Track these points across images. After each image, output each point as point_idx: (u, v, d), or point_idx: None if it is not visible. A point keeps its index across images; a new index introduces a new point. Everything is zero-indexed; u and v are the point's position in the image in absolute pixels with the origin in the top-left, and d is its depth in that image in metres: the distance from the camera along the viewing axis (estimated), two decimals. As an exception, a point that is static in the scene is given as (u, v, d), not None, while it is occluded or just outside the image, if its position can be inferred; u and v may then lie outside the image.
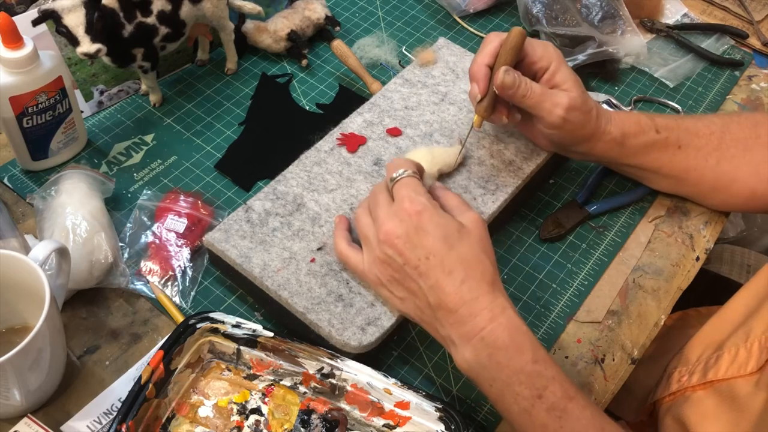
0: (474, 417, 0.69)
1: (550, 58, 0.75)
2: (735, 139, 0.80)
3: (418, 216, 0.63)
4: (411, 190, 0.65)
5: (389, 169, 0.68)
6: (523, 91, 0.72)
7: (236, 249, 0.71)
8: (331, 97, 0.95)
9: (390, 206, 0.65)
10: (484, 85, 0.73)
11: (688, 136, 0.80)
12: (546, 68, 0.75)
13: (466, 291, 0.61)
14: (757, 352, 0.67)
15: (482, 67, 0.73)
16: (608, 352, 0.75)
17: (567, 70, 0.75)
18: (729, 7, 1.14)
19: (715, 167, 0.80)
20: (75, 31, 0.76)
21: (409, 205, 0.64)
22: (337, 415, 0.66)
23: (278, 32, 0.97)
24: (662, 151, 0.79)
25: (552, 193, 0.87)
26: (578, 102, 0.74)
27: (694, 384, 0.72)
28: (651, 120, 0.79)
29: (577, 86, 0.75)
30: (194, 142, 0.89)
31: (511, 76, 0.72)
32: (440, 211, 0.64)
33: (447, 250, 0.62)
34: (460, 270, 0.61)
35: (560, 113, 0.73)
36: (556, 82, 0.74)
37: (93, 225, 0.73)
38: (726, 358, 0.70)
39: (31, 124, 0.78)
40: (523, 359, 0.59)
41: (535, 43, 0.75)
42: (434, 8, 1.09)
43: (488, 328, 0.59)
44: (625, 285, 0.80)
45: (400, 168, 0.67)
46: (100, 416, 0.65)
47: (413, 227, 0.63)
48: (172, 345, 0.65)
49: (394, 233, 0.63)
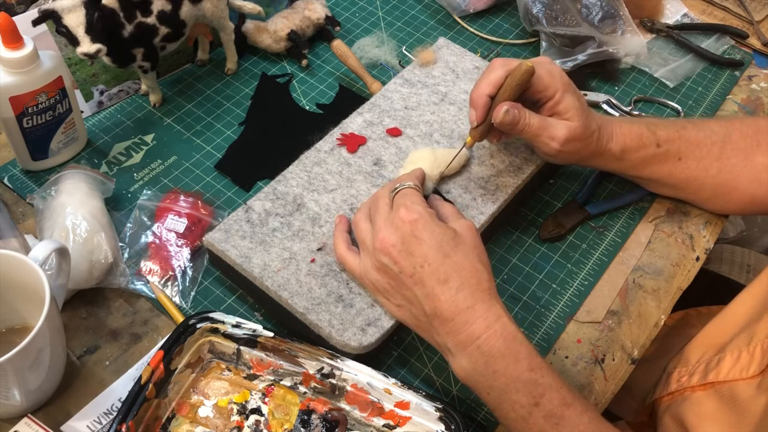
0: (474, 417, 0.69)
1: (555, 87, 0.73)
2: (736, 148, 0.80)
3: (413, 224, 0.63)
4: (408, 200, 0.65)
5: (393, 182, 0.69)
6: (521, 126, 0.72)
7: (236, 249, 0.71)
8: (331, 97, 0.95)
9: (388, 214, 0.66)
10: (482, 114, 0.73)
11: (689, 147, 0.79)
12: (551, 97, 0.74)
13: (461, 299, 0.61)
14: (760, 356, 0.67)
15: (483, 96, 0.72)
16: (608, 352, 0.75)
17: (572, 98, 0.74)
18: (729, 7, 1.14)
19: (715, 176, 0.80)
20: (75, 31, 0.76)
21: (405, 213, 0.64)
22: (337, 415, 0.66)
23: (278, 32, 0.97)
24: (662, 163, 0.79)
25: (552, 193, 0.87)
26: (577, 132, 0.73)
27: (694, 384, 0.72)
28: (653, 134, 0.78)
29: (580, 115, 0.73)
30: (194, 142, 0.89)
31: (510, 115, 0.71)
32: (436, 220, 0.65)
33: (442, 258, 0.62)
34: (455, 278, 0.61)
35: (556, 146, 0.73)
36: (558, 110, 0.74)
37: (93, 225, 0.73)
38: (728, 361, 0.70)
39: (31, 124, 0.78)
40: (519, 367, 0.59)
41: (543, 73, 0.73)
42: (434, 8, 1.09)
43: (484, 337, 0.60)
44: (625, 285, 0.80)
45: (404, 181, 0.68)
46: (100, 416, 0.65)
47: (408, 235, 0.63)
48: (172, 345, 0.65)
49: (389, 241, 0.64)
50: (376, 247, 0.65)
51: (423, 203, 0.66)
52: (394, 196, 0.67)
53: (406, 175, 0.70)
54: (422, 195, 0.68)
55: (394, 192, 0.67)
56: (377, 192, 0.70)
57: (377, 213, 0.67)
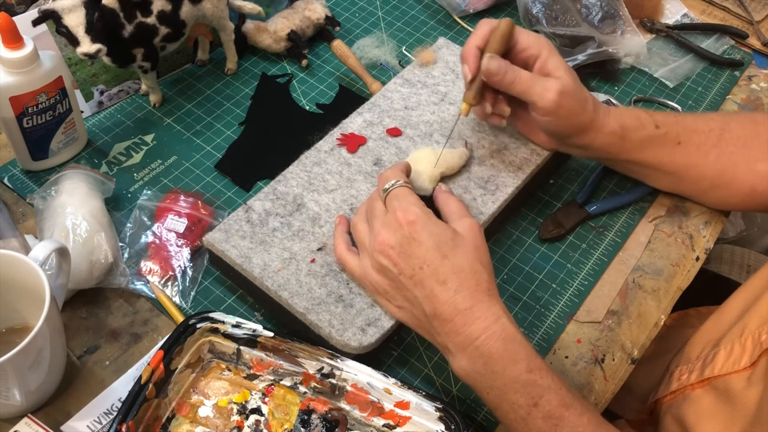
0: (474, 417, 0.69)
1: (540, 46, 0.74)
2: (734, 136, 0.80)
3: (411, 226, 0.63)
4: (403, 200, 0.65)
5: (380, 182, 0.69)
6: (511, 77, 0.72)
7: (236, 249, 0.71)
8: (331, 97, 0.95)
9: (384, 216, 0.66)
10: (474, 65, 0.74)
11: (687, 132, 0.80)
12: (537, 56, 0.75)
13: (460, 300, 0.61)
14: (751, 347, 0.67)
15: (473, 48, 0.74)
16: (608, 352, 0.75)
17: (558, 59, 0.75)
18: (729, 7, 1.14)
19: (714, 163, 0.80)
20: (75, 31, 0.76)
21: (401, 215, 0.64)
22: (337, 415, 0.66)
23: (278, 32, 0.97)
24: (662, 146, 0.79)
25: (552, 193, 0.87)
26: (570, 88, 0.74)
27: (693, 382, 0.72)
28: (650, 115, 0.79)
29: (569, 74, 0.74)
30: (194, 142, 0.89)
31: (495, 62, 0.72)
32: (434, 220, 0.65)
33: (441, 259, 0.62)
34: (454, 279, 0.61)
35: (552, 97, 0.73)
36: (548, 69, 0.74)
37: (93, 225, 0.73)
38: (722, 355, 0.70)
39: (31, 124, 0.78)
40: (517, 369, 0.59)
41: (525, 33, 0.75)
42: (434, 8, 1.09)
43: (482, 338, 0.60)
44: (625, 285, 0.80)
45: (391, 179, 0.68)
46: (100, 416, 0.65)
47: (406, 237, 0.63)
48: (172, 345, 0.65)
49: (388, 243, 0.64)
50: (376, 250, 0.65)
51: (418, 202, 0.66)
52: (385, 197, 0.67)
53: (391, 170, 0.69)
54: (413, 191, 0.68)
55: (385, 193, 0.67)
56: (372, 193, 0.70)
57: (374, 215, 0.67)
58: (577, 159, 0.90)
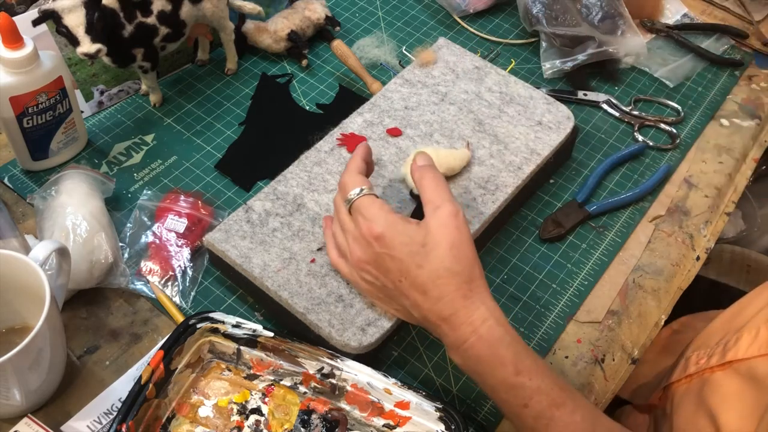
0: (474, 417, 0.69)
1: None
2: None
3: (379, 241, 0.62)
4: (366, 212, 0.63)
5: (340, 189, 0.66)
6: None
7: (236, 249, 0.71)
8: (331, 97, 0.95)
9: (354, 229, 0.65)
10: None
11: None
12: None
13: (442, 308, 0.61)
14: None
15: None
16: (608, 352, 0.75)
17: None
18: (729, 7, 1.14)
19: None
20: (75, 31, 0.76)
21: (367, 230, 0.63)
22: (337, 415, 0.66)
23: (278, 32, 0.97)
24: None
25: (552, 193, 0.87)
26: None
27: (713, 365, 0.71)
28: None
29: None
30: (194, 142, 0.89)
31: None
32: (401, 227, 0.62)
33: (416, 269, 0.61)
34: (432, 288, 0.61)
35: None
36: None
37: (93, 225, 0.73)
38: (746, 338, 0.69)
39: (31, 124, 0.78)
40: (505, 372, 0.59)
41: None
42: (434, 8, 1.09)
43: (469, 341, 0.60)
44: (625, 285, 0.80)
45: (350, 188, 0.65)
46: (100, 416, 0.65)
47: (378, 254, 0.63)
48: (172, 345, 0.65)
49: (363, 260, 0.64)
50: (354, 266, 0.65)
51: (382, 208, 0.63)
52: (350, 209, 0.65)
53: (348, 175, 0.66)
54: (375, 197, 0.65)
55: (347, 205, 0.65)
56: (336, 199, 0.68)
57: (344, 229, 0.66)
58: (577, 159, 0.90)
